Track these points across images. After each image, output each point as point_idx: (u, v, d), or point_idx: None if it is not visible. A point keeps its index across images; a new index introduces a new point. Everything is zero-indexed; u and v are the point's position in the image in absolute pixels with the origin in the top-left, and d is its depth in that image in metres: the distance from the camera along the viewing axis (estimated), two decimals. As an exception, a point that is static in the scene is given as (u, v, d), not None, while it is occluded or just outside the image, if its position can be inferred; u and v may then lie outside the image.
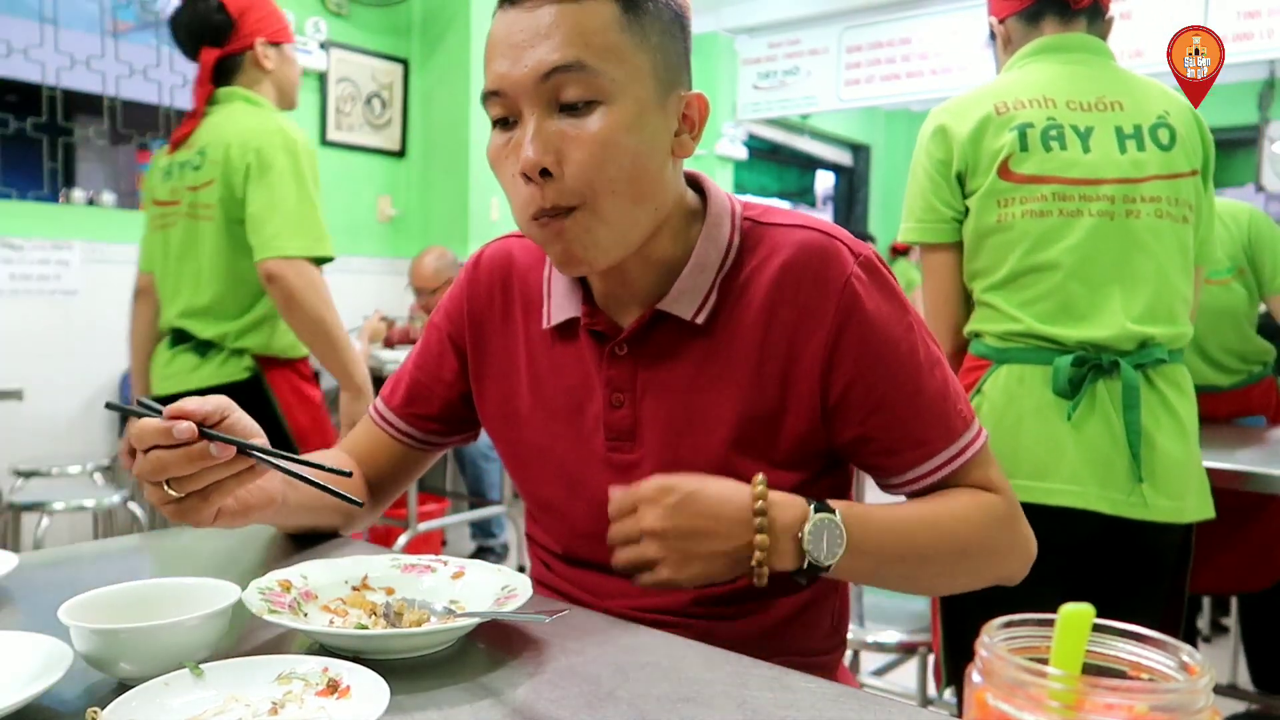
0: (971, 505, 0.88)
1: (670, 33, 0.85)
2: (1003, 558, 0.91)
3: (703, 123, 0.90)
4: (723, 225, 0.91)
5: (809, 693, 0.67)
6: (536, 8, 0.80)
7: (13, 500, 2.99)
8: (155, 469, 0.76)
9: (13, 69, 3.57)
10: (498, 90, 0.81)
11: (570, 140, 0.80)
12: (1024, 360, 1.45)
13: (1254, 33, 4.20)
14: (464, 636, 0.76)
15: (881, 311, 0.87)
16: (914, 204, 1.56)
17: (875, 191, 7.91)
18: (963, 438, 0.89)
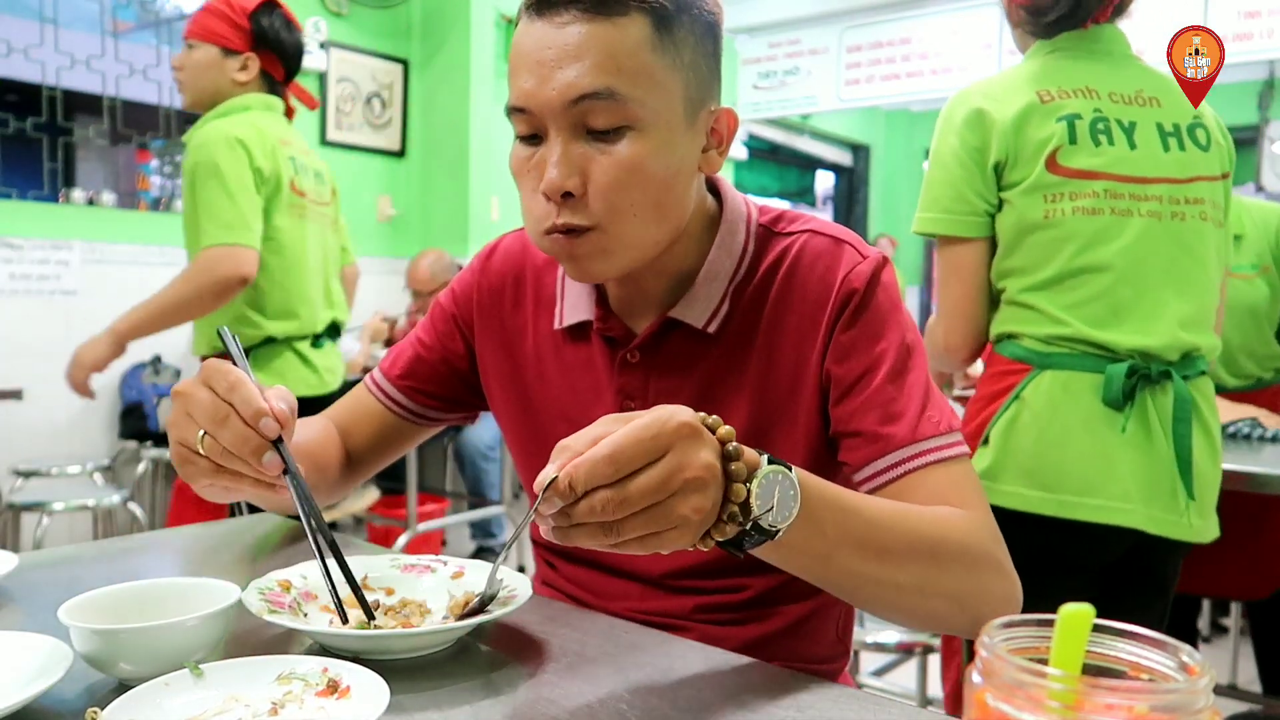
0: (950, 514, 0.79)
1: (703, 47, 0.83)
2: (980, 578, 0.78)
3: (731, 137, 0.87)
4: (737, 233, 0.90)
5: (809, 693, 0.67)
6: (566, 24, 0.77)
7: (13, 500, 2.99)
8: (214, 421, 0.73)
9: (13, 69, 3.57)
10: (523, 108, 0.79)
11: (596, 165, 0.79)
12: (1071, 366, 1.36)
13: (1254, 33, 4.20)
14: (464, 636, 0.76)
15: (877, 309, 0.86)
16: (939, 192, 1.43)
17: (875, 191, 7.91)
18: (928, 441, 0.82)
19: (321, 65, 4.15)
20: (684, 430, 0.60)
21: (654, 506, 0.59)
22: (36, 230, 3.43)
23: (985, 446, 1.40)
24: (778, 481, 0.65)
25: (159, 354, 3.70)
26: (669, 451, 0.59)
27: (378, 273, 4.48)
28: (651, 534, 0.60)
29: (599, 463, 0.57)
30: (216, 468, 0.75)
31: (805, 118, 6.73)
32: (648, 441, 0.58)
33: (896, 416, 0.83)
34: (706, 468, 0.60)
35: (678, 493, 0.59)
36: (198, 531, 1.19)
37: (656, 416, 0.60)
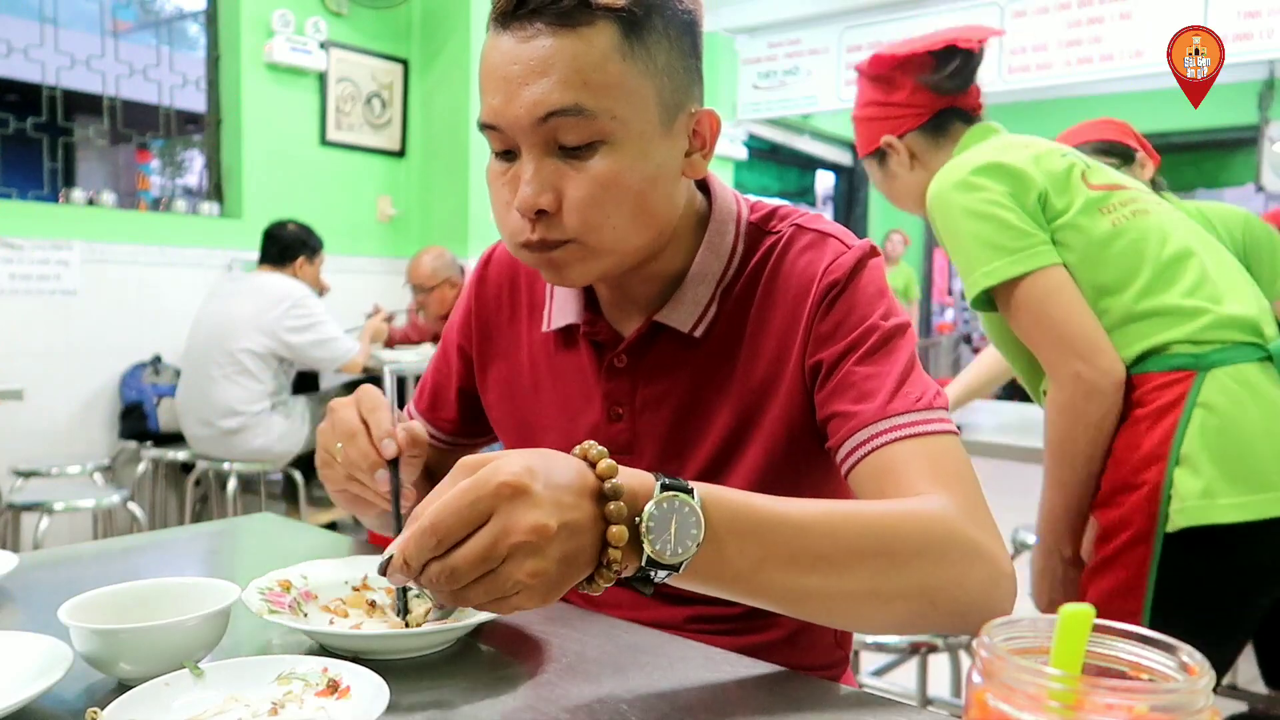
0: (904, 504, 0.72)
1: (679, 47, 0.80)
2: (952, 568, 0.70)
3: (714, 139, 0.85)
4: (726, 233, 0.89)
5: (809, 693, 0.67)
6: (531, 38, 0.75)
7: (13, 500, 2.99)
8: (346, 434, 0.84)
9: (13, 69, 3.57)
10: (494, 125, 0.78)
11: (570, 181, 0.77)
12: (1233, 359, 1.30)
13: (1254, 33, 4.20)
14: (464, 636, 0.76)
15: (856, 294, 0.83)
16: (999, 239, 1.35)
17: (875, 191, 7.90)
18: (901, 416, 0.77)
19: (321, 65, 4.15)
20: (504, 491, 0.56)
21: (487, 575, 0.56)
22: (37, 230, 3.43)
23: (1183, 466, 1.28)
24: (674, 511, 0.60)
25: (159, 354, 3.70)
26: (492, 515, 0.56)
27: (378, 272, 4.49)
28: (499, 599, 0.58)
29: (423, 535, 0.56)
30: (347, 476, 0.85)
31: (805, 118, 6.73)
32: (465, 510, 0.56)
33: (869, 394, 0.80)
34: (534, 530, 0.56)
35: (507, 559, 0.56)
36: (198, 531, 1.20)
37: (477, 479, 0.56)
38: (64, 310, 3.50)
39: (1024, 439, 2.33)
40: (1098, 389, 1.33)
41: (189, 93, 4.06)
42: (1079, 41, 4.73)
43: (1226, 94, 6.17)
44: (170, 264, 3.77)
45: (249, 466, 3.33)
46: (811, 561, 0.66)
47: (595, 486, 0.60)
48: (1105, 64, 4.67)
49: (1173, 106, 6.55)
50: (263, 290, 3.30)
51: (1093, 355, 1.34)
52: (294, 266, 3.47)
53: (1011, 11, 4.97)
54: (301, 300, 3.30)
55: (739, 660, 0.73)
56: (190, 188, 6.25)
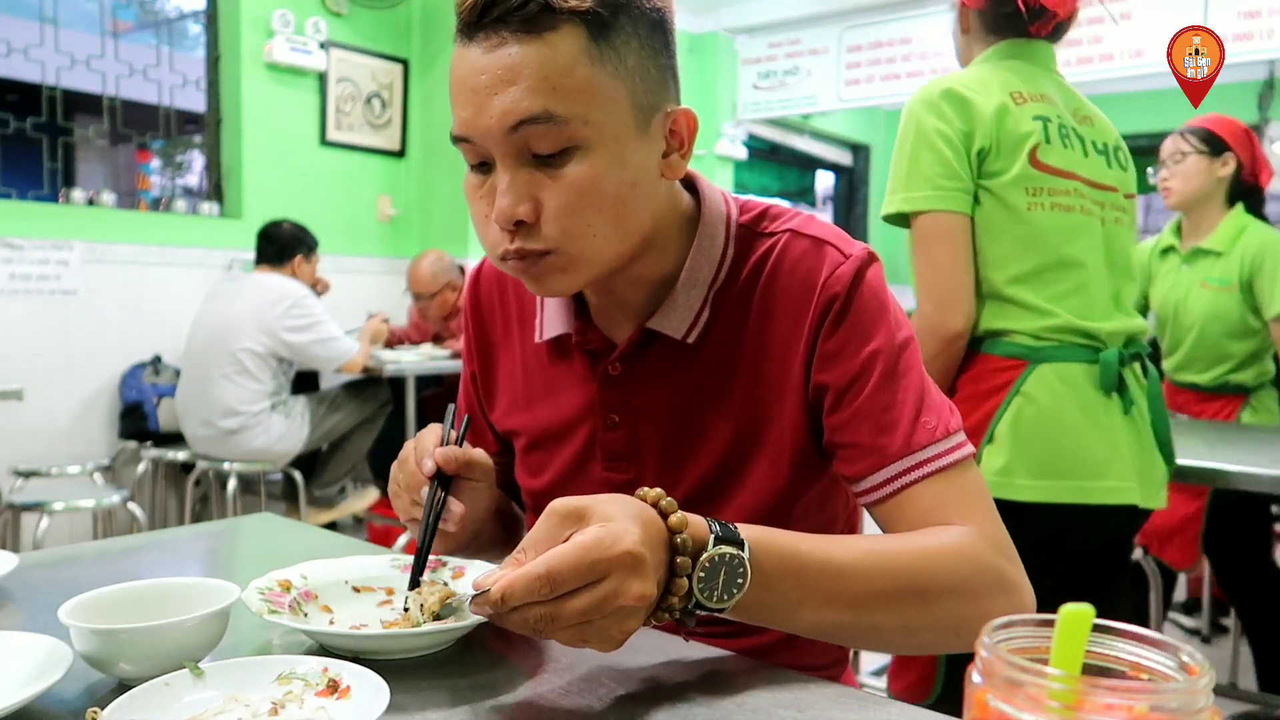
0: (936, 540, 0.75)
1: (650, 46, 0.78)
2: (978, 603, 0.74)
3: (692, 138, 0.84)
4: (716, 236, 0.87)
5: (809, 693, 0.67)
6: (497, 47, 0.74)
7: (13, 500, 2.99)
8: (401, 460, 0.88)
9: (13, 69, 3.57)
10: (466, 137, 0.77)
11: (546, 190, 0.76)
12: (1065, 358, 1.43)
13: (1254, 33, 4.20)
14: (464, 636, 0.76)
15: (861, 311, 0.82)
16: (926, 170, 1.45)
17: (875, 191, 7.91)
18: (925, 450, 0.79)
19: (321, 65, 4.15)
20: (625, 560, 0.60)
21: (584, 624, 0.61)
22: (37, 230, 3.43)
23: (992, 444, 1.44)
24: (724, 565, 0.66)
25: (159, 354, 3.70)
26: (607, 578, 0.60)
27: (377, 273, 4.49)
28: (579, 639, 0.62)
29: (535, 581, 0.59)
30: (411, 503, 0.87)
31: (805, 118, 6.73)
32: (585, 568, 0.59)
33: (890, 426, 0.80)
34: (641, 598, 0.61)
35: (609, 616, 0.61)
36: (198, 531, 1.19)
37: (599, 540, 0.60)
38: (64, 310, 3.50)
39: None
40: (934, 333, 1.46)
41: (189, 93, 4.06)
42: (1079, 41, 4.73)
43: (1226, 94, 6.15)
44: (170, 264, 3.77)
45: (249, 466, 3.33)
46: (849, 601, 0.71)
47: (668, 540, 0.65)
48: (1105, 64, 4.67)
49: (1173, 106, 6.55)
50: (262, 290, 3.30)
51: (944, 304, 1.46)
52: (292, 265, 3.47)
53: (1011, 11, 4.96)
54: (301, 300, 3.30)
55: (739, 660, 0.73)
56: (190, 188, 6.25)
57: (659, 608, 0.65)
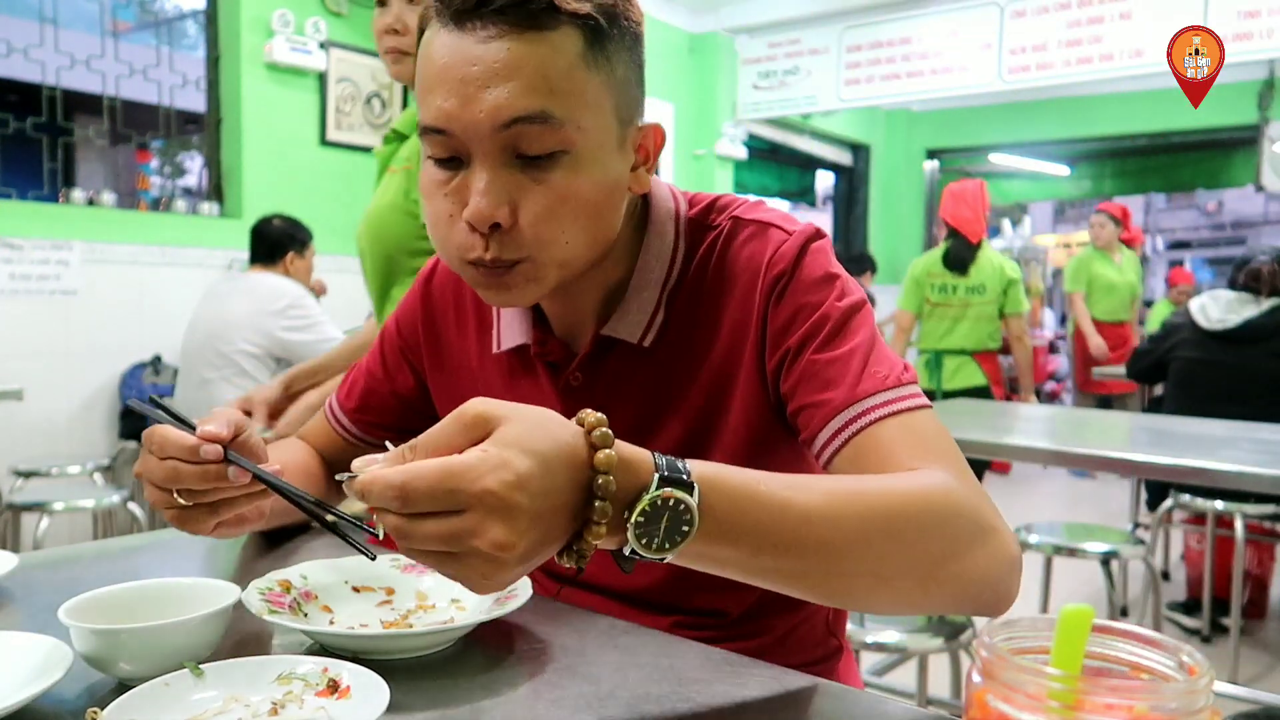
0: (906, 479, 0.69)
1: (633, 60, 0.78)
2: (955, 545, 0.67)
3: (658, 153, 0.83)
4: (665, 234, 0.86)
5: (809, 693, 0.67)
6: (491, 38, 0.70)
7: (13, 500, 2.99)
8: (169, 478, 0.77)
9: (13, 69, 3.57)
10: (443, 129, 0.72)
11: (527, 194, 0.73)
12: None
13: (1254, 33, 4.20)
14: (464, 636, 0.76)
15: (803, 279, 0.81)
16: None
17: (875, 191, 7.91)
18: (872, 397, 0.75)
19: (321, 65, 4.15)
20: (486, 500, 0.52)
21: (440, 553, 0.54)
22: (36, 230, 3.43)
23: None
24: (666, 510, 0.58)
25: (159, 354, 3.70)
26: (464, 511, 0.53)
27: (378, 273, 4.48)
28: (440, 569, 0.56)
29: (389, 489, 0.53)
30: (210, 509, 0.79)
31: (805, 118, 6.73)
32: (441, 494, 0.53)
33: (834, 380, 0.77)
34: (499, 546, 0.53)
35: (463, 554, 0.54)
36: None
37: (468, 468, 0.53)
38: (64, 310, 3.50)
39: (1023, 439, 2.33)
40: None
41: (189, 93, 4.06)
42: (1079, 41, 4.73)
43: (1226, 94, 6.16)
44: (170, 264, 3.77)
45: (249, 466, 3.32)
46: (813, 546, 0.63)
47: (585, 480, 0.57)
48: (1105, 64, 4.67)
49: (1173, 106, 6.56)
50: (256, 290, 3.28)
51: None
52: (285, 263, 3.42)
53: (1011, 11, 4.97)
54: (298, 300, 3.29)
55: (738, 660, 0.73)
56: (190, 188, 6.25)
57: (566, 550, 0.58)
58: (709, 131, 6.00)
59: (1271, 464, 1.81)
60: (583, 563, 0.59)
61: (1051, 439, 2.39)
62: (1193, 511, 3.19)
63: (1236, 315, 3.02)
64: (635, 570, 0.62)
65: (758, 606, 0.90)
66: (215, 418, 0.79)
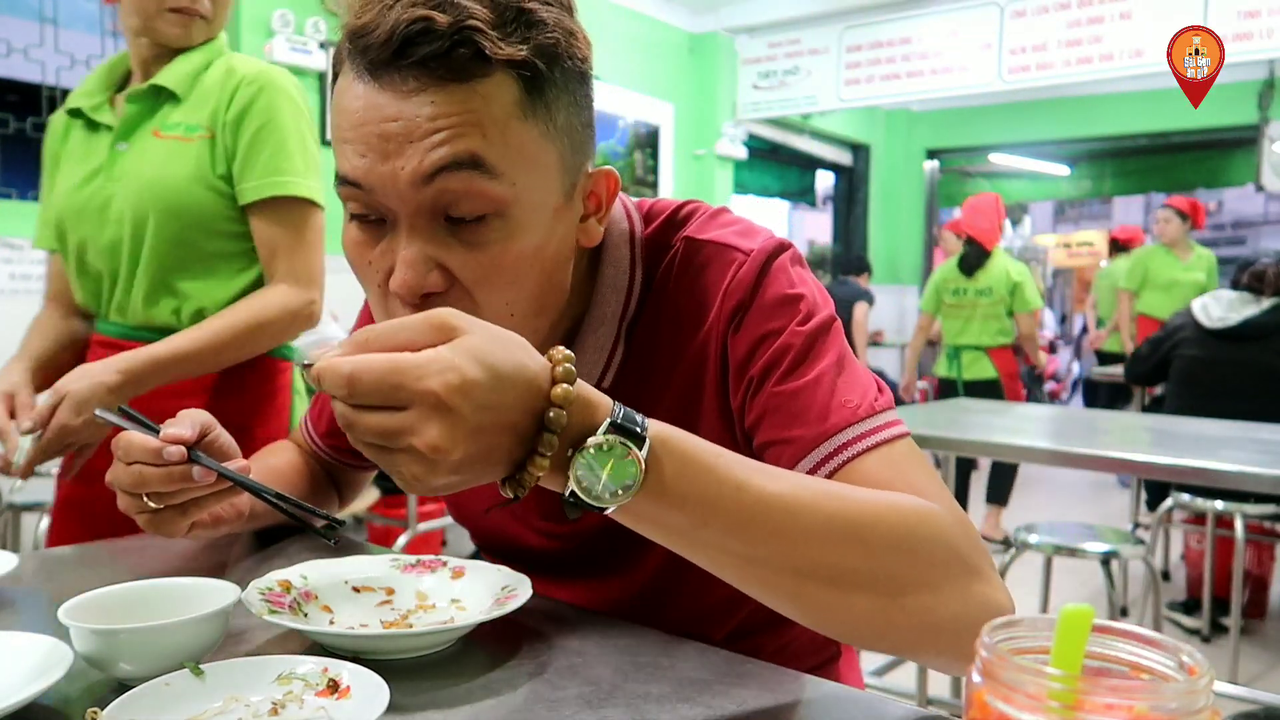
0: (886, 494, 0.65)
1: (577, 102, 0.70)
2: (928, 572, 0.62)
3: (611, 201, 0.76)
4: (621, 262, 0.79)
5: (809, 693, 0.67)
6: (413, 92, 0.63)
7: (13, 500, 2.99)
8: (136, 482, 0.78)
9: (13, 69, 3.57)
10: (359, 183, 0.66)
11: (460, 261, 0.66)
12: None
13: (1254, 33, 4.20)
14: (464, 636, 0.76)
15: (762, 306, 0.75)
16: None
17: (875, 191, 7.91)
18: (846, 431, 0.70)
19: (321, 65, 4.15)
20: (428, 399, 0.52)
21: (380, 446, 0.54)
22: (36, 230, 3.43)
23: None
24: (610, 456, 0.55)
25: (159, 354, 3.70)
26: (407, 408, 0.52)
27: (378, 273, 4.48)
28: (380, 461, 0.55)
29: (338, 377, 0.53)
30: (181, 510, 0.81)
31: (805, 118, 6.73)
32: (386, 388, 0.52)
33: (801, 414, 0.71)
34: (435, 449, 0.52)
35: (402, 451, 0.53)
36: (198, 531, 1.19)
37: (416, 365, 0.52)
38: (64, 310, 3.50)
39: (1023, 439, 2.33)
40: None
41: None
42: (1079, 41, 4.73)
43: (1226, 94, 6.16)
44: (170, 264, 3.77)
45: (249, 466, 3.33)
46: (768, 531, 0.59)
47: (538, 409, 0.55)
48: (1105, 64, 4.67)
49: (1173, 106, 6.57)
50: None
51: None
52: None
53: (1011, 11, 4.97)
54: None
55: (738, 660, 0.73)
56: (190, 188, 6.24)
57: (509, 479, 0.56)
58: (709, 131, 6.00)
59: (1271, 464, 1.81)
60: (520, 492, 0.56)
61: (1051, 439, 2.39)
62: (1193, 511, 3.20)
63: (1238, 314, 3.06)
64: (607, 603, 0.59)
65: (742, 629, 0.89)
66: (180, 420, 0.79)
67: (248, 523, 0.93)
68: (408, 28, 0.62)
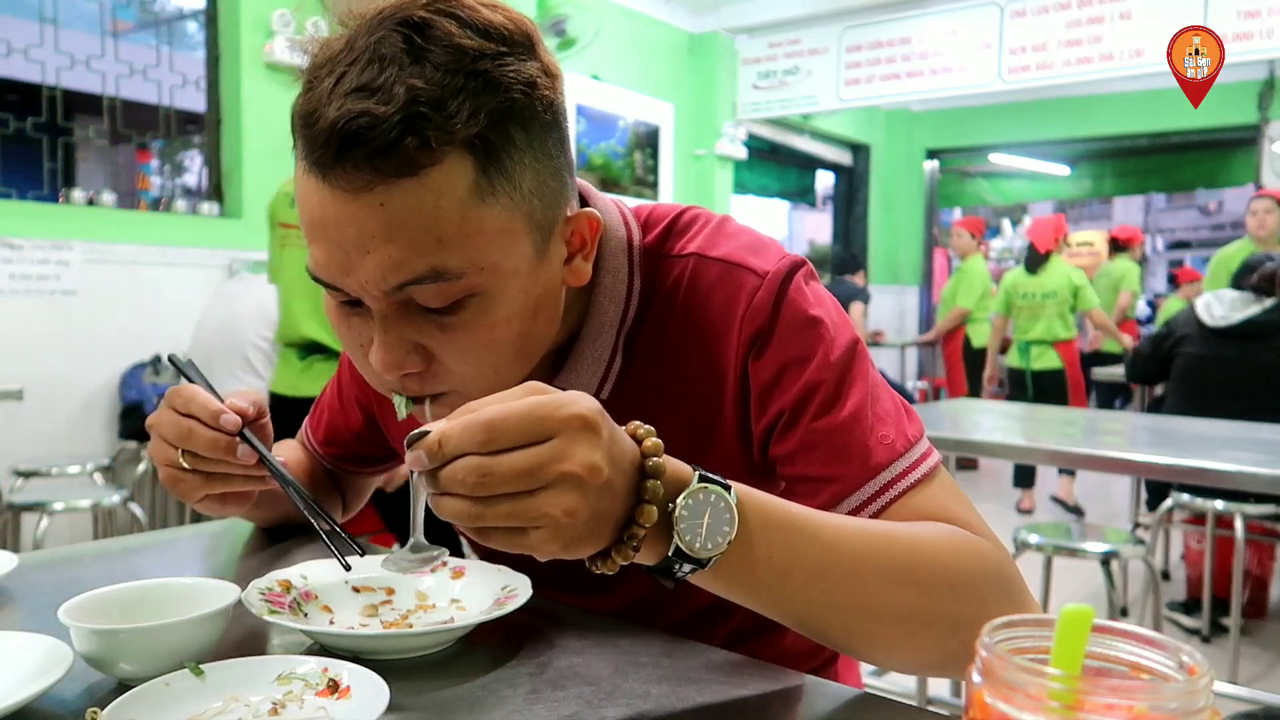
0: (940, 532, 0.67)
1: (544, 152, 0.66)
2: (983, 607, 0.64)
3: (595, 239, 0.73)
4: (619, 270, 0.78)
5: (809, 693, 0.67)
6: (361, 190, 0.60)
7: (13, 500, 2.99)
8: (181, 436, 0.78)
9: (13, 69, 3.57)
10: (326, 281, 0.65)
11: (436, 340, 0.66)
12: None
13: (1254, 33, 4.20)
14: (464, 636, 0.76)
15: (787, 333, 0.74)
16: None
17: (875, 191, 7.91)
18: (889, 469, 0.71)
19: (321, 65, 4.15)
20: (575, 422, 0.52)
21: (521, 495, 0.52)
22: (36, 230, 3.43)
23: None
24: (709, 505, 0.57)
25: (159, 354, 3.70)
26: (552, 438, 0.52)
27: (378, 273, 4.48)
28: (516, 529, 0.53)
29: (474, 427, 0.52)
30: (205, 478, 0.80)
31: (805, 118, 6.73)
32: (531, 423, 0.52)
33: (842, 451, 0.72)
34: (588, 468, 0.52)
35: (549, 486, 0.52)
36: (198, 531, 1.19)
37: (552, 400, 0.53)
38: (64, 310, 3.50)
39: (1023, 439, 2.33)
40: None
41: (189, 93, 4.06)
42: (1079, 41, 4.73)
43: (1226, 94, 6.17)
44: (170, 264, 3.77)
45: (249, 466, 3.33)
46: (840, 578, 0.62)
47: (638, 460, 0.56)
48: (1105, 64, 4.67)
49: (1173, 106, 6.57)
50: (270, 287, 3.33)
51: None
52: None
53: (1011, 11, 4.97)
54: None
55: (738, 660, 0.73)
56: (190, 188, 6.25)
57: (622, 538, 0.56)
58: (709, 131, 6.00)
59: (1271, 464, 1.81)
60: (611, 568, 0.56)
61: (1052, 439, 2.39)
62: (1193, 511, 3.20)
63: (1240, 313, 3.08)
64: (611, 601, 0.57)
65: (739, 633, 0.89)
66: (243, 394, 0.80)
67: (251, 510, 0.92)
68: (347, 124, 0.59)
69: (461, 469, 0.52)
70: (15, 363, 3.36)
